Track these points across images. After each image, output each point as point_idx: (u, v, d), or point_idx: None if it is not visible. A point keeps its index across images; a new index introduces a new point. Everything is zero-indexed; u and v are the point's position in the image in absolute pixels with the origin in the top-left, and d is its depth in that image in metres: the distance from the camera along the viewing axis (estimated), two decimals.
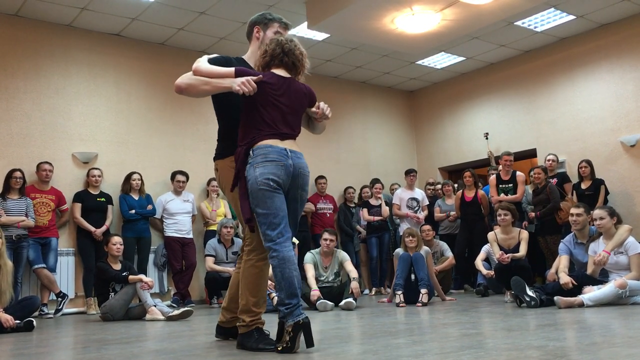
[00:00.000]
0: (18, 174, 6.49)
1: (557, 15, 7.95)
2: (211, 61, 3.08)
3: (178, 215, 7.56)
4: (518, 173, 7.75)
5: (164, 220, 7.57)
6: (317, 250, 6.49)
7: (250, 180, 2.87)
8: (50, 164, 6.91)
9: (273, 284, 5.90)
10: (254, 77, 2.90)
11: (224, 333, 3.38)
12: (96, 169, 7.30)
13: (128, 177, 7.44)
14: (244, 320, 3.00)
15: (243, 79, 2.87)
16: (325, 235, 6.36)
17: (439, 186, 9.13)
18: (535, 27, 8.34)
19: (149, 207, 7.45)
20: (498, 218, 6.32)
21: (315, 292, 5.90)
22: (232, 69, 2.96)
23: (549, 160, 7.98)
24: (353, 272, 6.17)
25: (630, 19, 8.09)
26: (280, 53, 3.03)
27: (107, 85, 7.85)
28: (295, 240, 6.90)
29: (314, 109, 3.17)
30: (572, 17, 8.02)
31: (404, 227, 8.26)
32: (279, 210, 2.84)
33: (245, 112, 2.97)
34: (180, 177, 7.69)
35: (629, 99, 8.10)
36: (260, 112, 2.94)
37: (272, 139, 2.92)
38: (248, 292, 3.01)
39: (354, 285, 5.92)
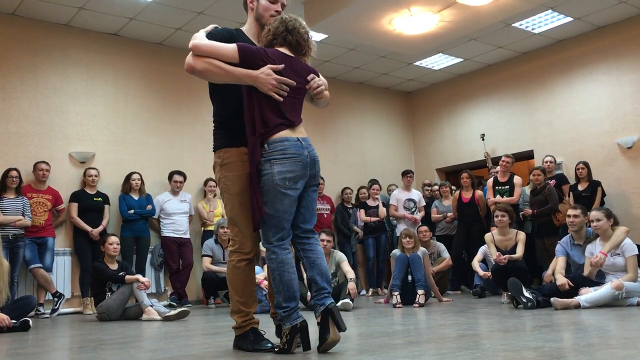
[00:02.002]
0: (14, 173, 6.48)
1: (554, 17, 7.97)
2: (212, 35, 2.90)
3: (175, 215, 7.55)
4: (516, 176, 7.75)
5: (161, 220, 7.56)
6: None
7: (265, 176, 2.75)
8: (47, 163, 6.90)
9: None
10: (274, 67, 2.76)
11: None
12: (93, 168, 7.28)
13: (128, 177, 7.43)
14: (236, 322, 2.99)
15: (272, 78, 2.73)
16: (322, 236, 6.35)
17: (436, 187, 9.14)
18: (532, 29, 8.35)
19: (149, 207, 7.44)
20: (495, 219, 6.33)
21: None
22: (234, 48, 2.76)
23: (546, 162, 7.98)
24: (350, 273, 6.17)
25: (628, 21, 8.11)
26: (283, 31, 2.89)
27: (105, 84, 7.83)
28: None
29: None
30: (569, 19, 8.04)
31: (400, 228, 8.26)
32: (287, 214, 2.77)
33: (251, 95, 2.80)
34: (177, 177, 7.67)
35: (626, 100, 8.12)
36: (267, 97, 2.78)
37: (285, 130, 2.79)
38: (234, 292, 2.98)
39: (351, 286, 5.92)
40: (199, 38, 2.81)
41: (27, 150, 7.09)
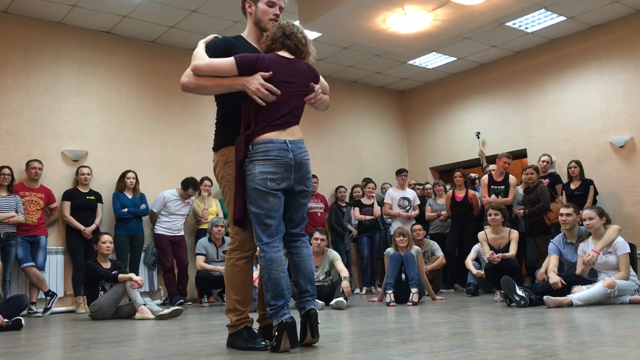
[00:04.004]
0: (6, 170, 6.45)
1: (547, 16, 7.99)
2: (211, 47, 2.98)
3: (175, 216, 7.51)
4: (511, 176, 7.73)
5: (160, 216, 7.51)
6: None
7: (248, 176, 2.83)
8: (39, 161, 6.86)
9: None
10: (265, 74, 2.83)
11: (261, 334, 3.06)
12: (85, 167, 7.25)
13: (123, 175, 7.39)
14: (231, 320, 3.00)
15: (258, 82, 2.80)
16: (316, 234, 6.36)
17: (428, 185, 9.17)
18: (526, 28, 8.38)
19: (142, 206, 7.41)
20: (488, 217, 6.34)
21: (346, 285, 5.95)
22: (232, 62, 2.84)
23: (543, 162, 7.99)
24: (344, 272, 6.17)
25: (620, 21, 8.14)
26: (281, 36, 2.94)
27: (98, 82, 7.80)
28: None
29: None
30: (562, 18, 8.07)
31: (395, 226, 8.27)
32: (272, 212, 2.81)
33: (245, 98, 2.88)
34: (191, 192, 7.52)
35: (618, 100, 8.15)
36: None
37: (274, 131, 2.84)
38: (231, 291, 2.99)
39: (345, 284, 5.92)
40: (199, 57, 2.89)
41: (19, 148, 7.05)
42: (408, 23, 7.13)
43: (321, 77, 3.18)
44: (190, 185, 7.54)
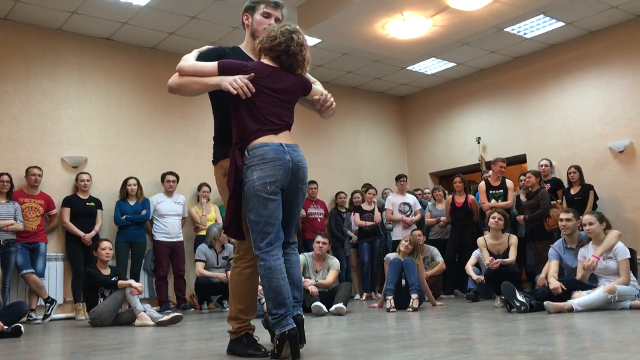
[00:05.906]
0: (5, 177, 6.45)
1: (546, 22, 8.02)
2: (203, 54, 2.99)
3: (168, 217, 7.48)
4: (507, 180, 7.77)
5: (154, 222, 7.51)
6: (310, 253, 6.51)
7: (247, 183, 2.77)
8: (39, 168, 6.86)
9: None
10: (245, 75, 2.78)
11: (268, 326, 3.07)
12: (85, 173, 7.25)
13: (124, 183, 7.39)
14: (232, 327, 3.00)
15: (233, 78, 2.76)
16: (318, 238, 6.38)
17: (427, 190, 9.16)
18: (525, 34, 8.40)
19: (143, 212, 7.39)
20: (492, 220, 6.30)
21: (308, 283, 6.01)
22: (215, 64, 2.83)
23: (542, 166, 8.00)
24: (327, 279, 6.25)
25: (619, 26, 8.17)
26: (281, 53, 2.87)
27: (97, 89, 7.81)
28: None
29: (316, 97, 3.04)
30: (561, 23, 8.09)
31: (396, 231, 8.27)
32: (271, 218, 2.76)
33: (235, 105, 2.84)
34: (170, 177, 7.62)
35: (617, 105, 8.17)
36: (250, 105, 2.80)
37: (267, 135, 2.80)
38: (235, 299, 2.99)
39: (309, 283, 6.00)
40: (186, 60, 2.93)
41: (19, 155, 7.05)
42: (407, 29, 7.15)
43: (320, 85, 3.15)
44: (166, 174, 7.66)
